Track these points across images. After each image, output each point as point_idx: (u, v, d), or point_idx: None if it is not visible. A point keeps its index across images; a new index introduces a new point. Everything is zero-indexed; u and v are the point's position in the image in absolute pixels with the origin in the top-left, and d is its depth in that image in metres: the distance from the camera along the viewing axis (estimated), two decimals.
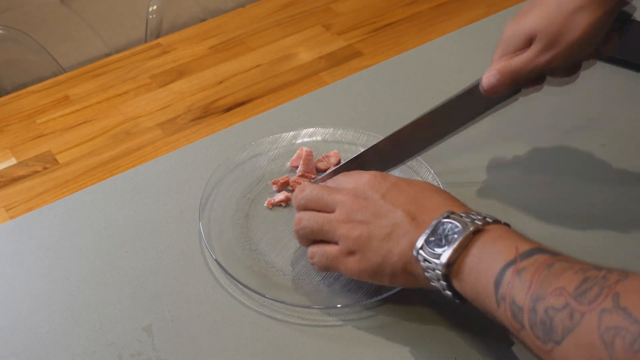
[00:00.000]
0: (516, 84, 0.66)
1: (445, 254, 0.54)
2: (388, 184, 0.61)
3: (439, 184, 0.73)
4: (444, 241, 0.54)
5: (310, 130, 0.80)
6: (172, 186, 0.77)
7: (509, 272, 0.51)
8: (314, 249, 0.63)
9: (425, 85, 0.89)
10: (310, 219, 0.62)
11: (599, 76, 0.89)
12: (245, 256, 0.68)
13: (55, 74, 1.11)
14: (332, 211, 0.61)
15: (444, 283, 0.55)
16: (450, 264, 0.54)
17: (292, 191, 0.75)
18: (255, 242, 0.70)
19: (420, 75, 0.91)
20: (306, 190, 0.64)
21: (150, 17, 1.43)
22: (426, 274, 0.55)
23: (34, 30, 1.53)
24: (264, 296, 0.64)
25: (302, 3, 1.07)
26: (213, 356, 0.61)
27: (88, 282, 0.67)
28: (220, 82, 0.92)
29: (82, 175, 0.80)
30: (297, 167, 0.77)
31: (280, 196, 0.73)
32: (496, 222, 0.56)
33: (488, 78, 0.66)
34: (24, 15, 1.69)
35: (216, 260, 0.67)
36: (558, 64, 0.64)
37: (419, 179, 0.74)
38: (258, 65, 0.95)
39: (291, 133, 0.80)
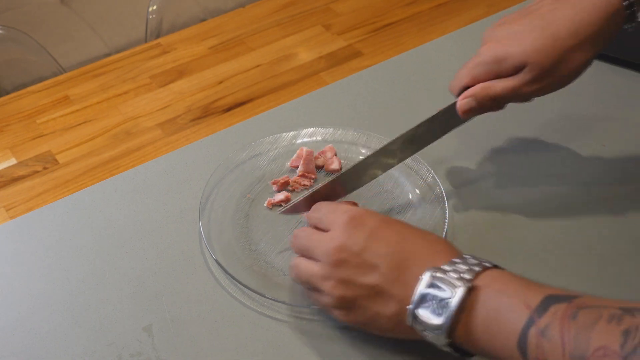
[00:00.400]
0: (496, 106, 0.66)
1: (444, 325, 0.51)
2: (366, 233, 0.57)
3: (439, 185, 0.73)
4: (437, 308, 0.52)
5: (310, 130, 0.80)
6: (172, 186, 0.77)
7: (532, 334, 0.48)
8: (308, 295, 0.61)
9: (425, 85, 0.89)
10: (301, 271, 0.60)
11: (599, 76, 0.89)
12: (245, 256, 0.68)
13: (55, 74, 1.11)
14: (317, 260, 0.59)
15: (449, 348, 0.53)
16: (452, 331, 0.52)
17: (292, 191, 0.75)
18: (255, 242, 0.70)
19: (420, 75, 0.91)
20: (297, 240, 0.61)
21: (150, 17, 1.43)
22: (427, 339, 0.54)
23: (34, 30, 1.53)
24: (264, 296, 0.64)
25: (302, 3, 1.07)
26: (213, 356, 0.61)
27: (88, 282, 0.67)
28: (220, 82, 0.92)
29: (82, 175, 0.80)
30: (297, 167, 0.77)
31: (280, 196, 0.73)
32: (485, 268, 0.53)
33: (466, 103, 0.65)
34: (24, 15, 1.69)
35: (216, 260, 0.67)
36: (544, 93, 0.65)
37: (419, 179, 0.74)
38: (258, 65, 0.95)
39: (291, 133, 0.80)
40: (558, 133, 0.81)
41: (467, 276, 0.52)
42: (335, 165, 0.77)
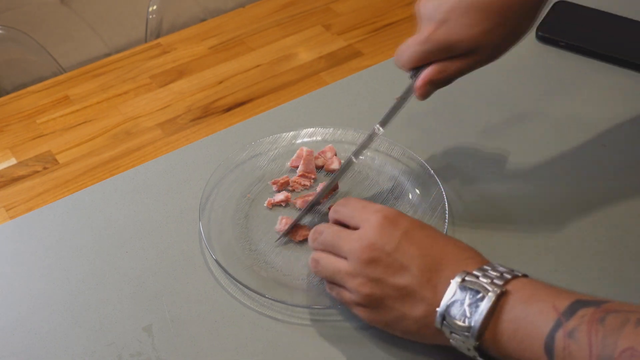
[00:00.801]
0: (448, 84, 0.67)
1: (474, 327, 0.52)
2: (399, 234, 0.57)
3: (439, 185, 0.73)
4: (467, 311, 0.52)
5: (310, 130, 0.80)
6: (172, 186, 0.76)
7: (560, 336, 0.48)
8: (331, 290, 0.61)
9: None
10: (324, 266, 0.60)
11: (599, 76, 0.89)
12: (245, 256, 0.68)
13: (55, 74, 1.11)
14: (343, 257, 0.59)
15: (475, 352, 0.53)
16: (480, 335, 0.52)
17: (292, 191, 0.75)
18: (255, 242, 0.70)
19: None
20: (321, 236, 0.61)
21: (150, 17, 1.43)
22: (452, 342, 0.54)
23: (34, 30, 1.53)
24: (264, 296, 0.64)
25: (302, 3, 1.07)
26: (213, 356, 0.61)
27: (88, 282, 0.67)
28: (220, 82, 0.92)
29: (82, 175, 0.80)
30: (297, 167, 0.77)
31: (280, 196, 0.73)
32: (515, 276, 0.54)
33: (426, 90, 0.66)
34: (24, 15, 1.69)
35: (216, 260, 0.67)
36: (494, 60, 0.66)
37: (419, 178, 0.74)
38: (258, 65, 0.95)
39: (291, 133, 0.80)
40: (558, 133, 0.81)
41: (498, 282, 0.53)
42: (335, 165, 0.77)
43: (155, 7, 1.43)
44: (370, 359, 0.60)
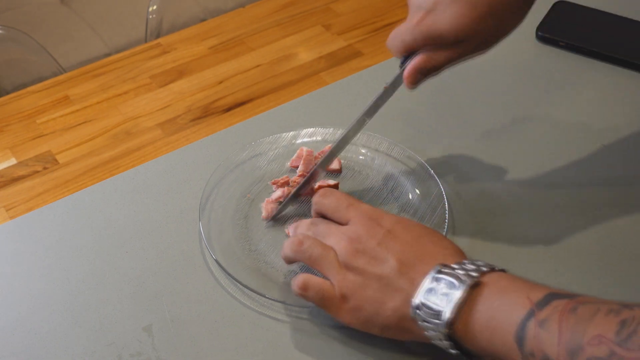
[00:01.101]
0: (437, 73, 0.67)
1: (445, 313, 0.52)
2: (384, 230, 0.59)
3: (439, 185, 0.73)
4: (441, 300, 0.53)
5: (310, 130, 0.80)
6: (172, 186, 0.76)
7: (531, 325, 0.49)
8: (308, 280, 0.60)
9: (425, 84, 0.89)
10: (311, 246, 0.60)
11: (599, 76, 0.89)
12: (245, 256, 0.68)
13: (55, 74, 1.11)
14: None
15: (447, 342, 0.53)
16: (452, 323, 0.52)
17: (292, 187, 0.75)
18: (255, 243, 0.70)
19: None
20: (313, 227, 0.63)
21: (150, 17, 1.43)
22: (426, 333, 0.54)
23: (34, 30, 1.53)
24: (264, 296, 0.64)
25: (302, 3, 1.07)
26: (213, 356, 0.61)
27: (88, 282, 0.67)
28: (220, 82, 0.92)
29: (82, 175, 0.80)
30: (297, 167, 0.77)
31: (278, 193, 0.73)
32: (492, 270, 0.54)
33: (414, 77, 0.66)
34: (24, 15, 1.69)
35: (216, 261, 0.67)
36: (481, 52, 0.66)
37: (419, 178, 0.75)
38: (258, 65, 0.95)
39: (291, 133, 0.80)
40: (558, 133, 0.81)
41: (474, 273, 0.53)
42: (335, 165, 0.77)
43: (155, 7, 1.43)
44: (370, 359, 0.60)
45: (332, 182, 0.74)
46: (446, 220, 0.69)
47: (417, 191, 0.74)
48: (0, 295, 0.66)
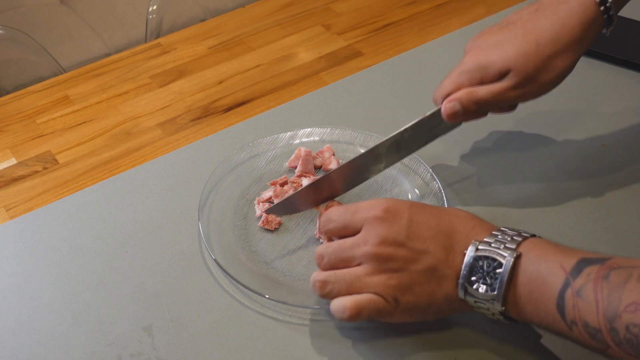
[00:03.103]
0: (481, 111, 0.67)
1: (498, 295, 0.54)
2: (405, 222, 0.57)
3: (437, 184, 0.73)
4: (488, 279, 0.54)
5: (308, 130, 0.81)
6: (172, 186, 0.77)
7: (568, 295, 0.51)
8: (356, 304, 0.56)
9: (425, 85, 0.89)
10: (337, 281, 0.58)
11: (599, 76, 0.89)
12: (245, 256, 0.68)
13: (55, 74, 1.11)
14: (356, 265, 0.58)
15: (500, 316, 0.55)
16: (505, 301, 0.54)
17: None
18: (255, 243, 0.70)
19: (420, 75, 0.91)
20: (324, 259, 0.59)
21: (150, 17, 1.43)
22: (478, 310, 0.56)
23: (34, 30, 1.53)
24: (263, 296, 0.64)
25: (302, 3, 1.07)
26: (213, 356, 0.61)
27: (88, 282, 0.67)
28: (220, 82, 0.92)
29: (82, 175, 0.80)
30: (295, 167, 0.77)
31: (269, 193, 0.73)
32: (524, 238, 0.55)
33: (451, 107, 0.66)
34: (24, 15, 1.69)
35: (216, 261, 0.67)
36: (528, 99, 0.66)
37: (418, 177, 0.75)
38: (258, 65, 0.95)
39: (289, 133, 0.80)
40: (558, 132, 0.81)
41: (510, 245, 0.54)
42: (333, 165, 0.77)
43: (155, 7, 1.43)
44: (370, 358, 0.60)
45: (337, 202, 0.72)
46: None
47: (416, 190, 0.74)
48: (0, 295, 0.66)
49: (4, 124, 0.88)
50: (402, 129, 0.68)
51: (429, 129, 0.69)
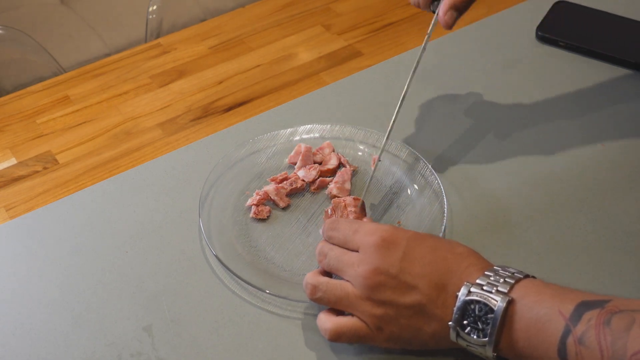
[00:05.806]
0: (468, 7, 0.71)
1: (489, 340, 0.53)
2: (400, 254, 0.57)
3: (437, 180, 0.73)
4: (479, 323, 0.53)
5: (308, 127, 0.81)
6: (172, 186, 0.77)
7: (570, 342, 0.50)
8: (337, 328, 0.58)
9: (425, 85, 0.89)
10: (327, 290, 0.59)
11: (599, 76, 0.89)
12: (246, 253, 0.68)
13: (55, 74, 1.11)
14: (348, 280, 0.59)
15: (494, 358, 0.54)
16: (497, 344, 0.53)
17: (293, 189, 0.75)
18: (255, 239, 0.70)
19: (420, 75, 0.91)
20: (325, 260, 0.61)
21: (150, 17, 1.43)
22: (471, 351, 0.55)
23: (34, 30, 1.53)
24: (264, 292, 0.64)
25: (302, 3, 1.07)
26: (213, 356, 0.61)
27: (88, 282, 0.67)
28: (220, 82, 0.92)
29: (82, 175, 0.80)
30: (295, 163, 0.77)
31: (269, 188, 0.73)
32: (518, 280, 0.54)
33: (450, 16, 0.70)
34: (24, 15, 1.69)
35: (216, 257, 0.67)
36: None
37: (418, 174, 0.75)
38: (258, 65, 0.95)
39: (289, 130, 0.80)
40: (558, 132, 0.81)
41: (503, 289, 0.53)
42: (333, 161, 0.77)
43: (155, 7, 1.43)
44: (371, 354, 0.60)
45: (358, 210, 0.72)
46: (445, 215, 0.69)
47: (416, 187, 0.74)
48: (0, 295, 0.66)
49: (4, 124, 0.88)
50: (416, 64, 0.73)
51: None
